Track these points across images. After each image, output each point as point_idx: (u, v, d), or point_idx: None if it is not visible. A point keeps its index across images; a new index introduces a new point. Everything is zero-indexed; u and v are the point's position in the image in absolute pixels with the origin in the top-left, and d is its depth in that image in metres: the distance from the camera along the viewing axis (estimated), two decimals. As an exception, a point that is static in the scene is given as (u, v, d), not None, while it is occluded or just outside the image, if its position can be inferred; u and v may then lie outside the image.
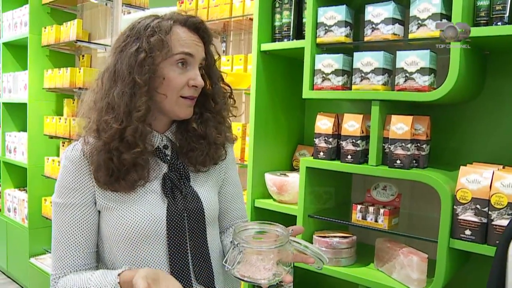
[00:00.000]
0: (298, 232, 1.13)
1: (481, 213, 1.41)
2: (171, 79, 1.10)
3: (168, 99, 1.12)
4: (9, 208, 4.00)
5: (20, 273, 3.90)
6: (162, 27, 1.10)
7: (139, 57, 1.07)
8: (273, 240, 1.00)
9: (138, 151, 1.07)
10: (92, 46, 3.46)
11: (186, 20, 1.14)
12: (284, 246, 0.99)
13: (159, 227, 1.12)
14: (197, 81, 1.13)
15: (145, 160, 1.11)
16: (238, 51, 2.61)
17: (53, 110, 3.79)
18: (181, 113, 1.15)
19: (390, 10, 1.59)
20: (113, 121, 1.07)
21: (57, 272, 1.11)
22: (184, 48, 1.11)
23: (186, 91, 1.12)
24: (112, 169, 1.07)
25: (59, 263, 1.11)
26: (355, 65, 1.66)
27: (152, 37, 1.08)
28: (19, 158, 3.85)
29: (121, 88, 1.07)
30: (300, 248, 1.06)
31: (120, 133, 1.06)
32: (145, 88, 1.07)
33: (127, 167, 1.08)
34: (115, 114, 1.07)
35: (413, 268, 1.56)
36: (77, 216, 1.11)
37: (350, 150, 1.68)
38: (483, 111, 1.75)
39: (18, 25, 3.76)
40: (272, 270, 0.97)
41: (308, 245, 1.07)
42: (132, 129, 1.06)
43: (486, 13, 1.44)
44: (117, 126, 1.06)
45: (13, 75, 3.87)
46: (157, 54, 1.08)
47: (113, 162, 1.07)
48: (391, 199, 1.77)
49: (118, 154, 1.07)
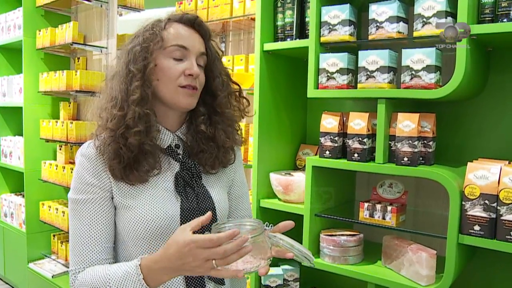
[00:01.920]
0: (287, 227, 1.12)
1: (489, 209, 1.43)
2: (164, 67, 1.14)
3: (165, 87, 1.15)
4: (6, 213, 3.96)
5: (18, 279, 3.86)
6: (157, 24, 1.16)
7: (134, 49, 1.13)
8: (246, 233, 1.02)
9: (138, 131, 1.10)
10: (87, 48, 3.43)
11: (181, 17, 1.18)
12: (259, 240, 1.02)
13: (173, 224, 1.14)
14: (193, 70, 1.15)
15: (152, 147, 1.13)
16: (238, 51, 2.60)
17: (49, 114, 3.75)
18: (182, 103, 1.16)
19: (395, 8, 1.60)
20: (114, 109, 1.12)
21: (76, 267, 1.12)
22: (178, 41, 1.15)
23: (183, 80, 1.15)
24: (122, 157, 1.11)
25: (78, 258, 1.12)
26: (360, 64, 1.67)
27: (147, 32, 1.14)
28: (15, 162, 3.81)
29: (119, 80, 1.14)
30: (286, 246, 1.07)
31: (122, 119, 1.11)
32: (139, 74, 1.12)
33: (135, 153, 1.11)
34: (115, 102, 1.13)
35: (422, 264, 1.56)
36: (95, 211, 1.13)
37: (357, 148, 1.69)
38: (486, 107, 1.77)
39: (11, 28, 3.72)
40: (249, 262, 1.01)
41: (293, 243, 1.08)
42: (131, 113, 1.10)
43: (491, 10, 1.46)
44: (118, 112, 1.11)
45: (7, 79, 3.83)
46: (150, 45, 1.12)
47: (122, 150, 1.10)
48: (397, 197, 1.78)
49: (124, 141, 1.10)
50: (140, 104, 1.11)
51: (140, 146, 1.11)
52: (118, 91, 1.13)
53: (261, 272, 1.02)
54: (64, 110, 3.59)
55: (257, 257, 1.02)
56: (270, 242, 1.06)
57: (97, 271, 1.08)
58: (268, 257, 1.04)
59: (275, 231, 1.09)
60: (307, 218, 1.82)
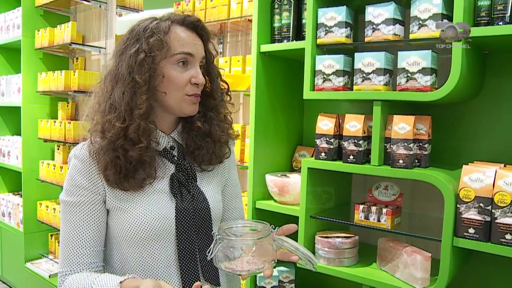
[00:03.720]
0: (290, 231, 1.14)
1: (484, 212, 1.42)
2: (172, 78, 1.12)
3: (172, 97, 1.14)
4: (3, 212, 3.96)
5: (15, 279, 3.85)
6: (160, 28, 1.12)
7: (139, 57, 1.09)
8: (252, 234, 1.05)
9: (142, 146, 1.09)
10: (86, 48, 3.43)
11: (183, 20, 1.16)
12: (264, 242, 1.03)
13: (169, 226, 1.14)
14: (199, 79, 1.14)
15: (150, 157, 1.12)
16: (235, 52, 2.60)
17: (47, 114, 3.76)
18: (186, 110, 1.16)
19: (391, 10, 1.60)
20: (116, 120, 1.09)
21: (65, 270, 1.12)
22: (185, 48, 1.13)
23: (189, 89, 1.14)
24: (120, 167, 1.09)
25: (67, 260, 1.12)
26: (356, 66, 1.66)
27: (151, 38, 1.10)
28: (13, 162, 3.81)
29: (122, 89, 1.10)
30: (291, 249, 1.08)
31: (123, 131, 1.09)
32: (145, 86, 1.09)
33: (134, 164, 1.10)
34: (117, 113, 1.09)
35: (417, 267, 1.56)
36: (86, 214, 1.13)
37: (352, 150, 1.68)
38: (482, 110, 1.77)
39: (10, 27, 3.73)
40: (254, 263, 1.02)
41: (298, 246, 1.09)
42: (134, 127, 1.08)
43: (487, 13, 1.46)
44: (120, 125, 1.08)
45: (6, 78, 3.84)
46: (157, 53, 1.10)
47: (120, 160, 1.09)
48: (393, 199, 1.77)
49: (124, 152, 1.09)
50: (145, 117, 1.10)
51: (141, 159, 1.10)
52: (121, 101, 1.09)
53: (266, 274, 1.03)
54: (62, 110, 3.60)
55: (262, 259, 1.03)
56: (276, 245, 1.07)
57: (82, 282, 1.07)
58: (273, 259, 1.05)
59: (279, 234, 1.10)
60: (302, 219, 1.81)
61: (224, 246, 1.03)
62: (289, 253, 1.10)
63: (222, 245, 1.03)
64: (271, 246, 1.05)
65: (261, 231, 1.05)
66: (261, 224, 1.09)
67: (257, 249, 1.03)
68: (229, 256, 1.03)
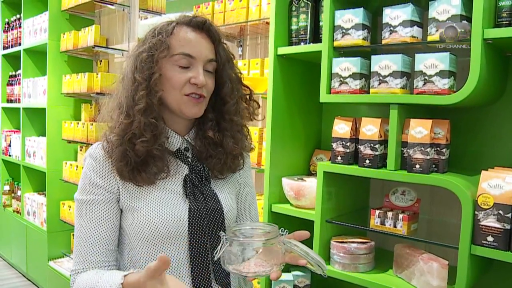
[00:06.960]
0: (302, 237, 1.13)
1: (504, 219, 1.38)
2: (169, 77, 1.13)
3: (169, 96, 1.15)
4: (29, 211, 4.05)
5: (39, 276, 3.94)
6: (165, 29, 1.14)
7: (141, 57, 1.13)
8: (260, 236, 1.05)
9: (145, 140, 1.10)
10: (109, 51, 3.49)
11: (190, 20, 1.16)
12: (272, 245, 1.03)
13: (181, 227, 1.14)
14: (198, 80, 1.13)
15: (161, 152, 1.14)
16: (255, 55, 2.60)
17: (71, 115, 3.83)
18: (187, 112, 1.16)
19: (409, 12, 1.57)
20: (121, 117, 1.13)
21: (78, 268, 1.13)
22: (185, 49, 1.13)
23: (187, 88, 1.14)
24: (130, 159, 1.11)
25: (80, 258, 1.13)
26: (373, 69, 1.64)
27: (154, 38, 1.13)
28: (38, 162, 3.90)
29: (126, 87, 1.14)
30: (301, 253, 1.07)
31: (129, 126, 1.12)
32: (144, 83, 1.11)
33: (143, 158, 1.12)
34: (122, 110, 1.14)
35: (433, 274, 1.52)
36: (100, 213, 1.14)
37: (368, 154, 1.66)
38: (504, 115, 1.71)
39: (38, 31, 3.82)
40: (261, 265, 1.02)
41: (308, 251, 1.08)
42: (137, 122, 1.11)
43: (509, 14, 1.41)
44: (125, 121, 1.12)
45: (32, 81, 3.93)
46: (156, 53, 1.12)
47: (129, 153, 1.11)
48: (410, 204, 1.74)
49: (132, 146, 1.11)
50: (146, 114, 1.11)
51: (148, 152, 1.12)
52: (124, 98, 1.14)
53: (273, 277, 1.02)
54: (85, 112, 3.66)
55: (270, 261, 1.03)
56: (285, 248, 1.06)
57: (90, 278, 1.07)
58: (281, 262, 1.05)
59: (289, 238, 1.09)
60: (318, 224, 1.79)
61: (232, 247, 1.03)
62: (297, 256, 1.09)
63: (229, 246, 1.03)
64: (279, 249, 1.05)
65: (269, 233, 1.05)
66: (270, 227, 1.08)
67: (265, 251, 1.02)
68: (237, 257, 1.03)
